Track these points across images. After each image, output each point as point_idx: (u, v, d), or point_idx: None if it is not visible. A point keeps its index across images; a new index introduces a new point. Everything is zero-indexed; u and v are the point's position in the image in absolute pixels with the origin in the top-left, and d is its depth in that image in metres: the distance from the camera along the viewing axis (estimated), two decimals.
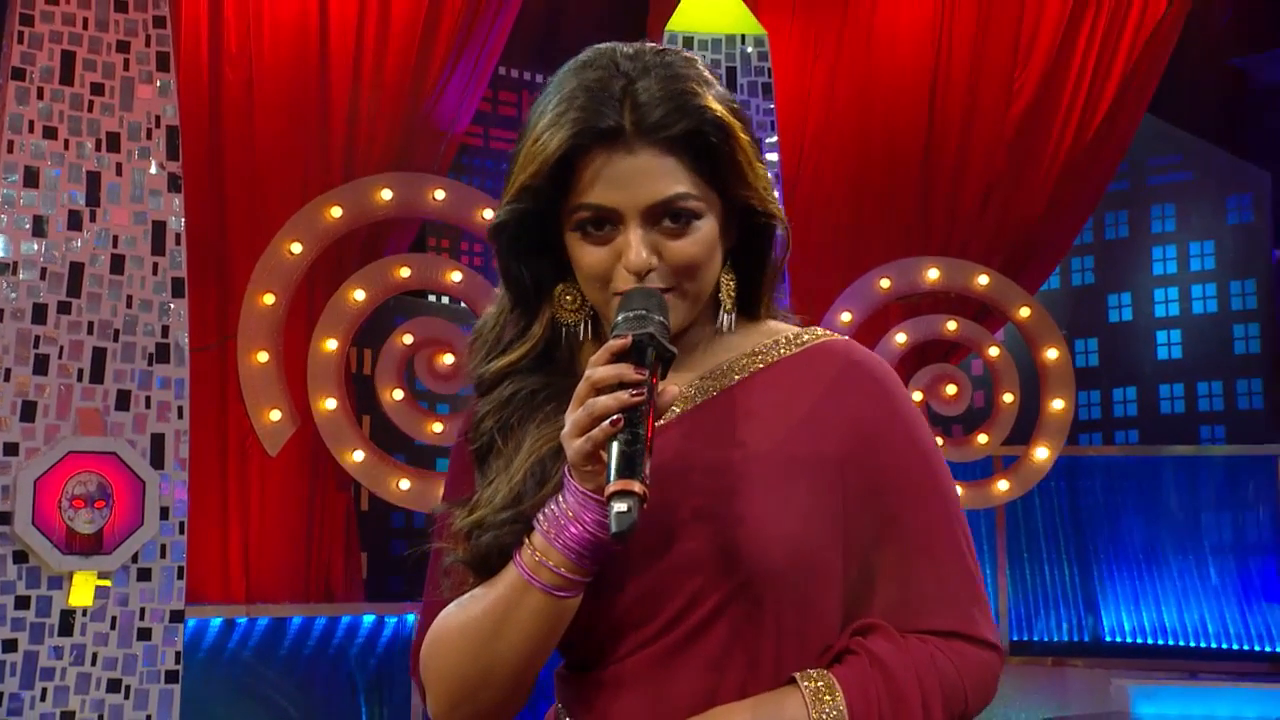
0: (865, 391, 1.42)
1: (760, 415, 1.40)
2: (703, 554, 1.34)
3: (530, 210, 1.37)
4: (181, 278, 4.80)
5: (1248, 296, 7.55)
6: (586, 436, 1.24)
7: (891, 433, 1.42)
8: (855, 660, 1.35)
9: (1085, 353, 7.95)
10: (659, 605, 1.35)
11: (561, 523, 1.30)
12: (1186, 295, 7.70)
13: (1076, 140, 5.78)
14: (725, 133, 1.35)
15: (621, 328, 1.28)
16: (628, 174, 1.33)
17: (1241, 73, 8.05)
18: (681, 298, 1.37)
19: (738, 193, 1.38)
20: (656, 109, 1.33)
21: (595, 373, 1.26)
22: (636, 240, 1.33)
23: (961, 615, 1.41)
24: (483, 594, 1.36)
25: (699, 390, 1.43)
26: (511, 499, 1.36)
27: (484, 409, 1.44)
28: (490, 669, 1.35)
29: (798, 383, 1.42)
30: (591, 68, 1.36)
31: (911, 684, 1.34)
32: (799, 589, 1.35)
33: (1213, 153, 7.69)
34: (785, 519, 1.35)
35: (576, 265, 1.39)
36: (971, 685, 1.39)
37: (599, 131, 1.32)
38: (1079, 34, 5.80)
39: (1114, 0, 5.74)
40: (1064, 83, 5.82)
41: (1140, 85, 5.82)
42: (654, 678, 1.36)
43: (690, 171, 1.35)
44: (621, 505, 1.19)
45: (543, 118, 1.35)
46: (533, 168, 1.34)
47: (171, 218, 4.86)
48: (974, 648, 1.41)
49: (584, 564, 1.30)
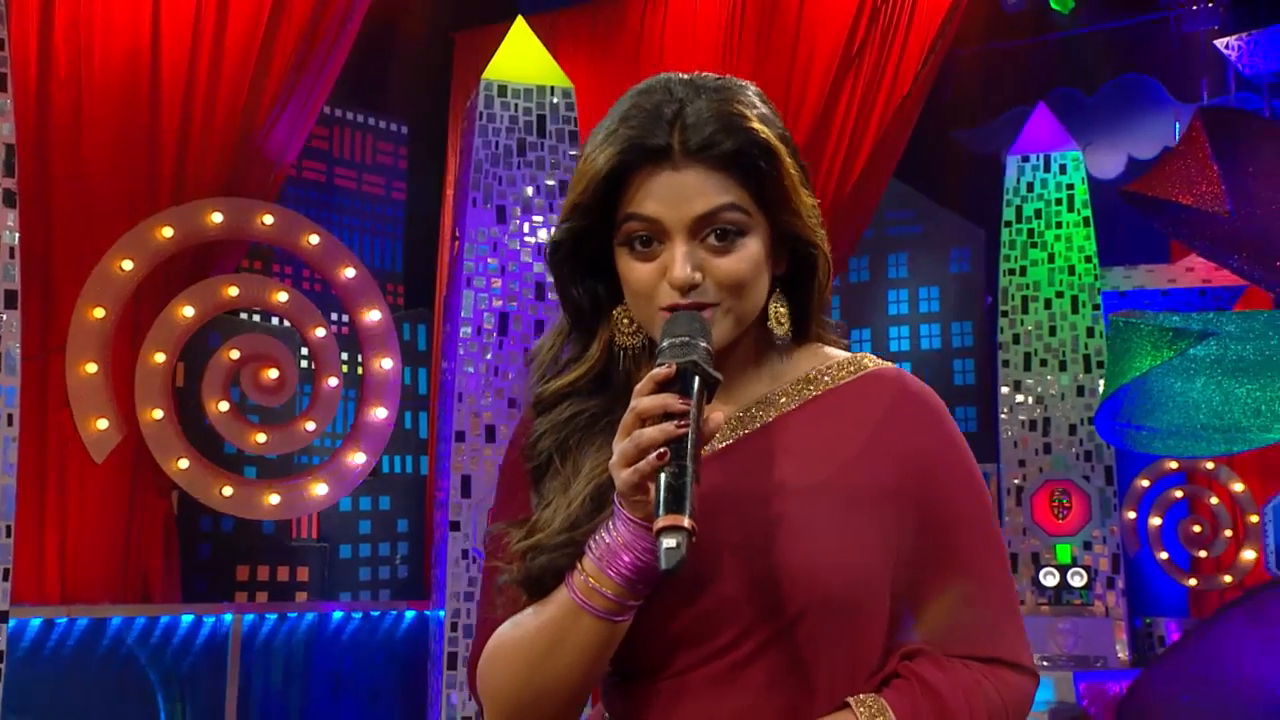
0: (920, 423, 1.45)
1: (817, 444, 1.42)
2: (763, 581, 1.35)
3: (583, 228, 1.40)
4: (15, 290, 4.99)
5: (965, 335, 8.65)
6: (634, 469, 1.24)
7: (946, 465, 1.44)
8: (905, 685, 1.38)
9: None
10: (719, 627, 1.36)
11: (614, 550, 1.30)
12: (916, 333, 8.73)
13: (837, 193, 6.62)
14: (770, 154, 1.37)
15: (666, 354, 1.28)
16: (674, 189, 1.35)
17: (960, 144, 9.21)
18: (726, 314, 1.38)
19: (783, 217, 1.40)
20: (704, 128, 1.35)
21: (640, 403, 1.26)
22: (681, 255, 1.35)
23: (1006, 644, 1.44)
24: (536, 614, 1.37)
25: (753, 416, 1.44)
26: (568, 524, 1.37)
27: (541, 428, 1.45)
28: (544, 687, 1.37)
29: (852, 412, 1.44)
30: (647, 92, 1.39)
31: (961, 709, 1.37)
32: (853, 618, 1.37)
33: (939, 211, 8.79)
34: (843, 551, 1.36)
35: (624, 281, 1.40)
36: (1013, 710, 1.42)
37: (647, 149, 1.35)
38: (839, 103, 6.66)
39: (869, 75, 6.64)
40: (825, 144, 6.66)
41: (889, 150, 6.74)
42: (710, 695, 1.37)
43: (739, 188, 1.37)
44: (670, 541, 1.19)
45: (596, 137, 1.39)
46: (583, 185, 1.38)
47: (6, 232, 5.05)
48: (1015, 674, 1.44)
49: (636, 590, 1.31)
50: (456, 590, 5.69)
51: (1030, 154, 7.64)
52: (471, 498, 5.67)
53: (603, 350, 1.46)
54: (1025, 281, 7.43)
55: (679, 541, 1.19)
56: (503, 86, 6.02)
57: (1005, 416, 7.30)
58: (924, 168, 8.49)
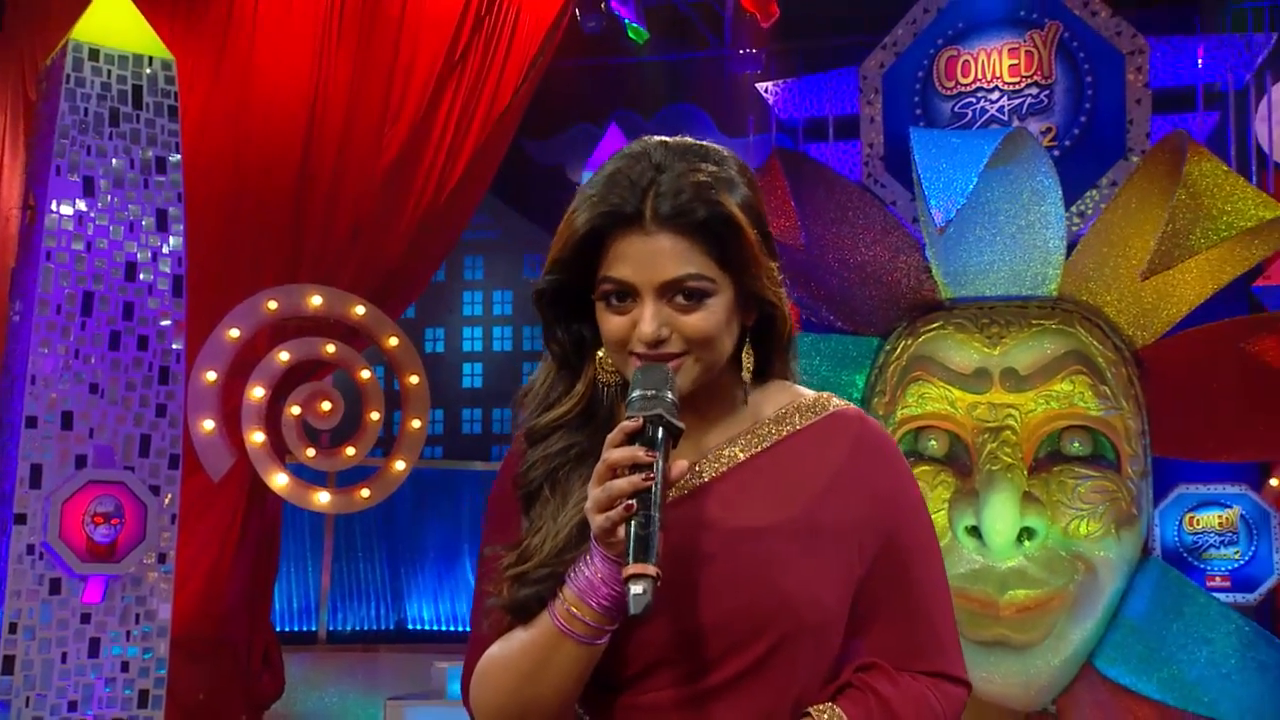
0: (879, 463, 1.60)
1: (785, 482, 1.55)
2: (737, 610, 1.48)
3: (564, 282, 1.54)
4: None
5: (536, 339, 8.99)
6: (605, 516, 1.38)
7: (902, 501, 1.61)
8: (860, 696, 1.52)
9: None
10: (694, 652, 1.49)
11: (594, 583, 1.43)
12: (489, 334, 8.97)
13: (436, 195, 6.68)
14: (734, 226, 1.49)
15: (635, 405, 1.41)
16: (645, 254, 1.47)
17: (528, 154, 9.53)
18: (696, 363, 1.51)
19: (745, 280, 1.52)
20: (676, 198, 1.47)
21: (610, 455, 1.39)
22: (649, 314, 1.47)
23: (947, 659, 1.61)
24: (521, 636, 1.50)
25: (728, 456, 1.58)
26: (555, 553, 1.49)
27: (534, 458, 1.57)
28: (530, 703, 1.50)
29: (818, 452, 1.58)
30: (630, 156, 1.52)
31: (908, 717, 1.52)
32: (819, 642, 1.53)
33: (514, 217, 9.05)
34: (812, 584, 1.51)
35: (601, 331, 1.53)
36: (950, 717, 1.59)
37: (621, 216, 1.48)
38: (440, 108, 6.74)
39: (471, 84, 6.76)
40: (425, 148, 6.71)
41: (488, 160, 6.89)
42: (689, 711, 1.50)
43: (704, 255, 1.49)
44: (638, 588, 1.33)
45: (580, 197, 1.53)
46: (562, 243, 1.52)
47: None
48: (954, 686, 1.61)
49: (613, 617, 1.44)
50: (18, 589, 5.24)
51: None
52: (42, 489, 5.25)
53: (588, 387, 1.58)
54: None
55: (645, 588, 1.33)
56: (94, 50, 5.62)
57: None
58: (499, 174, 8.73)
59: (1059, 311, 5.82)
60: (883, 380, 5.81)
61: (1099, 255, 5.89)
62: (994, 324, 5.86)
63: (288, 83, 6.58)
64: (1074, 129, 7.51)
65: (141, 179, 5.59)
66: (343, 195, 6.55)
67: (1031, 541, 5.53)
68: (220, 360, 5.83)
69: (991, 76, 7.65)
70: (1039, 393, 5.71)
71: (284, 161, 6.51)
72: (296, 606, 7.53)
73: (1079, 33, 7.53)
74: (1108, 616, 5.66)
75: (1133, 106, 7.46)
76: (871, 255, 5.98)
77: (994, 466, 5.55)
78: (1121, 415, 5.71)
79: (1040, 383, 5.71)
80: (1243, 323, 6.08)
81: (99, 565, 5.17)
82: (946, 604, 1.63)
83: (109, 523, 5.15)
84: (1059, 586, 5.56)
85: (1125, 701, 5.60)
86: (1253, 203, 5.33)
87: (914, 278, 6.04)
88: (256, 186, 6.45)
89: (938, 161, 5.12)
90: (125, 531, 5.19)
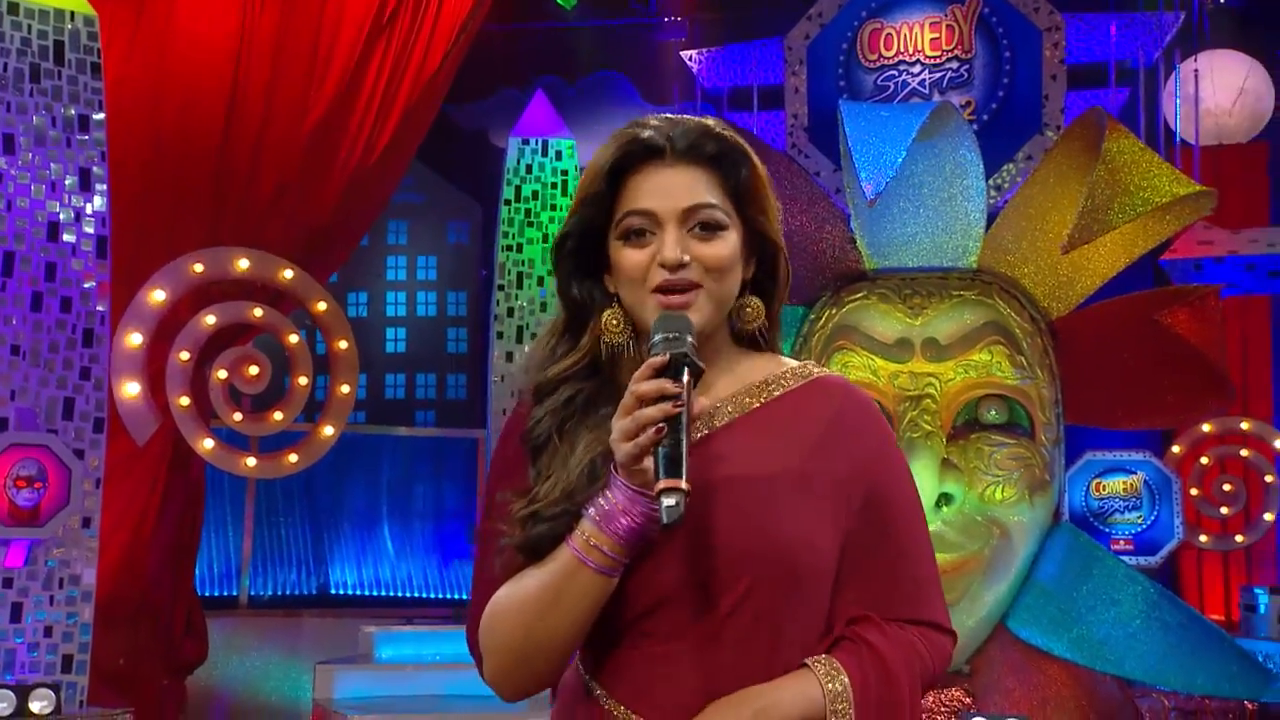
0: (864, 423, 1.70)
1: (776, 438, 1.64)
2: (734, 555, 1.56)
3: (590, 219, 1.63)
4: None
5: (460, 305, 8.96)
6: (635, 442, 1.45)
7: (885, 459, 1.71)
8: (853, 647, 1.61)
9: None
10: (694, 595, 1.57)
11: (613, 513, 1.51)
12: (413, 299, 8.91)
13: (364, 157, 6.60)
14: (746, 158, 1.64)
15: (660, 347, 1.50)
16: (666, 185, 1.60)
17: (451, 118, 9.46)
18: (708, 298, 1.61)
19: (755, 216, 1.65)
20: (691, 134, 1.62)
21: (639, 387, 1.47)
22: (671, 240, 1.59)
23: (933, 609, 1.71)
24: (536, 573, 1.57)
25: (723, 412, 1.66)
26: (565, 494, 1.56)
27: (541, 413, 1.65)
28: (543, 639, 1.56)
29: (806, 412, 1.68)
30: (639, 122, 1.66)
31: (899, 665, 1.62)
32: (808, 585, 1.61)
33: (439, 182, 9.01)
34: (802, 529, 1.60)
35: (619, 270, 1.62)
36: (938, 666, 1.69)
37: (644, 147, 1.61)
38: (368, 70, 6.67)
39: (400, 47, 6.70)
40: (353, 111, 6.64)
41: (417, 123, 6.85)
42: (685, 655, 1.58)
43: (719, 188, 1.62)
44: (670, 500, 1.42)
45: (599, 150, 1.65)
46: (589, 178, 1.62)
47: None
48: (940, 634, 1.71)
49: (631, 547, 1.52)
50: None
51: (530, 138, 8.04)
52: None
53: (593, 343, 1.66)
54: (521, 259, 7.82)
55: (678, 500, 1.42)
56: (13, 4, 5.50)
57: (496, 384, 7.67)
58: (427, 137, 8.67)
59: (978, 283, 5.96)
60: (807, 349, 5.91)
61: (1017, 228, 6.04)
62: (916, 294, 5.99)
63: (210, 40, 6.47)
64: (992, 103, 7.66)
65: (64, 137, 5.49)
66: (267, 156, 6.47)
67: (949, 507, 5.68)
68: (145, 323, 5.75)
69: (913, 50, 7.78)
70: (958, 362, 5.85)
71: (206, 121, 6.41)
72: (217, 571, 7.48)
73: (998, 8, 7.68)
74: (1020, 579, 5.84)
75: (1049, 82, 7.64)
76: (798, 225, 6.07)
77: (914, 434, 5.69)
78: (1036, 384, 5.88)
79: (960, 352, 5.86)
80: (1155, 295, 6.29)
81: (21, 529, 5.11)
82: (930, 557, 1.73)
83: (32, 486, 5.09)
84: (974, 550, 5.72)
85: (1036, 661, 5.79)
86: (1168, 179, 5.50)
87: (838, 248, 6.15)
88: (177, 146, 6.35)
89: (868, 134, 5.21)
90: (48, 495, 5.13)
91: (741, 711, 1.55)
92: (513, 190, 7.93)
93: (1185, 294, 5.87)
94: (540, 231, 7.89)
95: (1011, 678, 5.84)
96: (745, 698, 1.56)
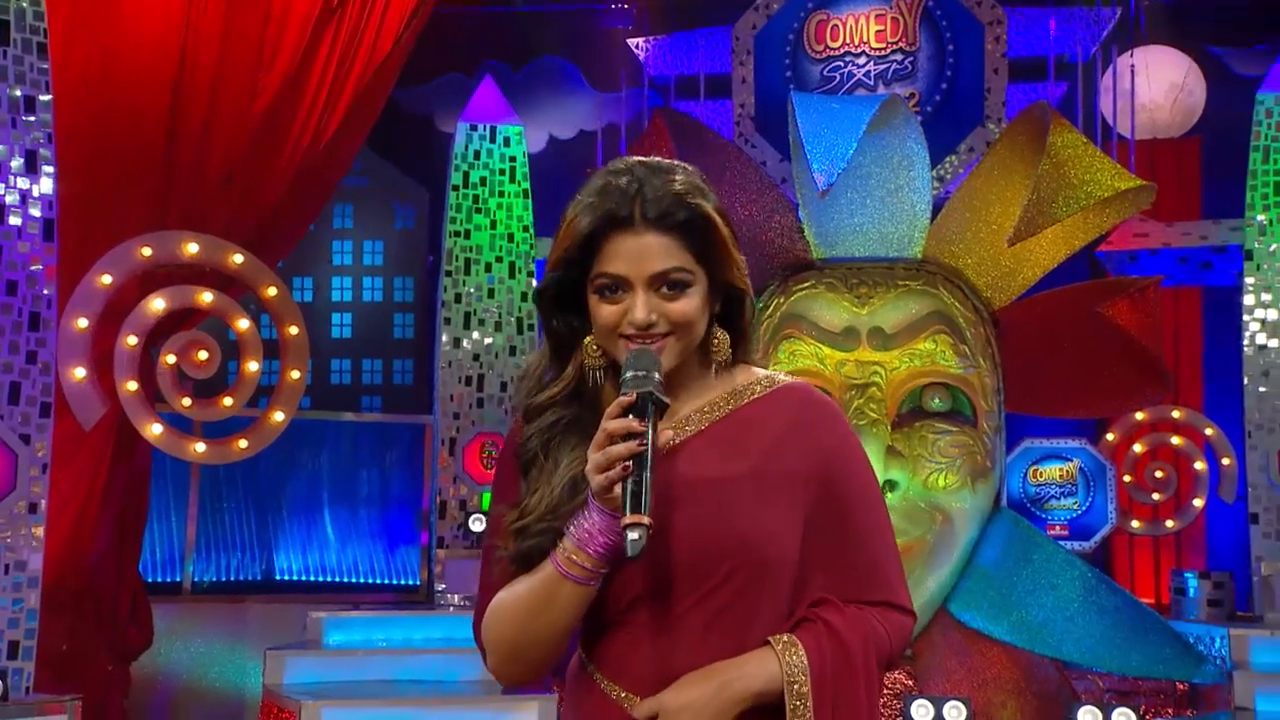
0: (823, 423, 1.89)
1: (744, 441, 1.85)
2: (706, 548, 1.78)
3: (565, 276, 1.82)
4: None
5: (407, 290, 8.93)
6: (605, 476, 1.68)
7: (844, 454, 1.89)
8: (812, 626, 1.81)
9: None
10: (672, 584, 1.78)
11: (591, 534, 1.74)
12: (359, 284, 8.87)
13: (314, 142, 6.55)
14: (710, 225, 1.81)
15: (629, 385, 1.71)
16: (635, 251, 1.78)
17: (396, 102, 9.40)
18: (677, 342, 1.80)
19: (719, 271, 1.83)
20: (660, 203, 1.78)
21: (609, 425, 1.69)
22: (641, 302, 1.78)
23: (891, 589, 1.89)
24: (528, 581, 1.80)
25: (697, 420, 1.87)
26: (549, 509, 1.80)
27: (531, 430, 1.88)
28: (536, 636, 1.81)
29: (773, 416, 1.87)
30: (614, 172, 1.82)
31: (855, 641, 1.80)
32: (773, 574, 1.81)
33: (384, 166, 8.96)
34: (768, 523, 1.80)
35: (594, 319, 1.82)
36: (897, 643, 1.87)
37: (616, 218, 1.78)
38: (317, 55, 6.62)
39: (350, 31, 6.66)
40: (302, 96, 6.58)
41: (367, 109, 6.81)
42: (666, 636, 1.79)
43: (685, 250, 1.79)
44: (634, 534, 1.62)
45: (577, 206, 1.81)
46: (567, 243, 1.80)
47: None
48: (898, 614, 1.89)
49: (606, 561, 1.75)
50: None
51: (478, 123, 8.03)
52: None
53: (576, 370, 1.88)
54: (469, 244, 7.82)
55: (640, 535, 1.63)
56: None
57: (444, 370, 7.68)
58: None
59: (923, 273, 6.08)
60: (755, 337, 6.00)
61: (962, 220, 6.16)
62: (863, 284, 6.09)
63: (155, 20, 6.38)
64: (936, 95, 7.77)
65: (9, 118, 5.41)
66: (215, 140, 6.41)
67: (893, 494, 5.80)
68: (92, 307, 5.69)
69: (859, 41, 7.86)
70: (903, 351, 5.96)
71: (152, 103, 6.32)
72: (160, 557, 7.42)
73: (942, 1, 7.78)
74: (962, 564, 5.98)
75: (990, 75, 7.75)
76: (746, 215, 6.15)
77: (860, 421, 5.80)
78: (979, 373, 6.01)
79: (905, 341, 5.97)
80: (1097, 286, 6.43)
81: None
82: (890, 543, 1.92)
83: None
84: (918, 536, 5.85)
85: (978, 644, 5.93)
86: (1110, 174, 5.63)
87: (787, 238, 6.23)
88: (123, 128, 6.25)
89: (820, 126, 5.29)
90: None
91: (709, 683, 1.76)
92: (460, 176, 7.93)
93: (1126, 286, 6.01)
94: (488, 218, 7.90)
95: (953, 660, 5.97)
96: (711, 672, 1.77)
